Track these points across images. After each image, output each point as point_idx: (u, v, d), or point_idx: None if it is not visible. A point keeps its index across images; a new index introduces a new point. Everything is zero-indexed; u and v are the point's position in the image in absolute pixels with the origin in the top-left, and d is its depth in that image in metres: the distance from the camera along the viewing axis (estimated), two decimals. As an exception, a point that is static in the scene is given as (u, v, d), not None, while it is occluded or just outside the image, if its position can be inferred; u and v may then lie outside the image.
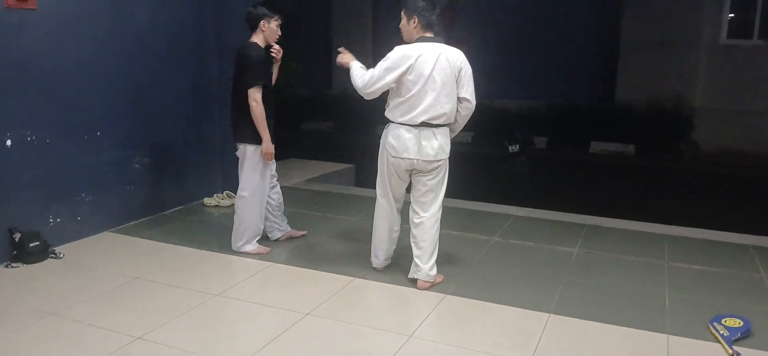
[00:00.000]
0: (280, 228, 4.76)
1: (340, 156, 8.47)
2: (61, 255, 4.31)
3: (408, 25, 3.78)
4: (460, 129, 3.95)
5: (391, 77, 3.68)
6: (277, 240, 4.75)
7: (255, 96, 4.18)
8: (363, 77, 3.79)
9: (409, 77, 3.64)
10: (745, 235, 5.16)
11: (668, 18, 10.91)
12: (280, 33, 4.39)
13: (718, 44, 11.04)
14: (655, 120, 10.81)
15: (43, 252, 4.23)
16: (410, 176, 3.88)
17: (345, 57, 3.98)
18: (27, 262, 4.13)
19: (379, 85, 3.73)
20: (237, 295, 3.77)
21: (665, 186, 8.63)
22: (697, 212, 6.34)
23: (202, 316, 3.47)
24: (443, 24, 3.90)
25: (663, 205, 7.02)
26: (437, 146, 3.74)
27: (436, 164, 3.78)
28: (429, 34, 3.75)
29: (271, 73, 4.49)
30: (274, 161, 4.51)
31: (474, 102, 3.80)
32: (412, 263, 3.93)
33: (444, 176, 3.88)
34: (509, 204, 6.03)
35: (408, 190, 3.99)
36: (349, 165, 8.03)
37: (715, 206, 7.06)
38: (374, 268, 4.16)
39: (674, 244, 4.90)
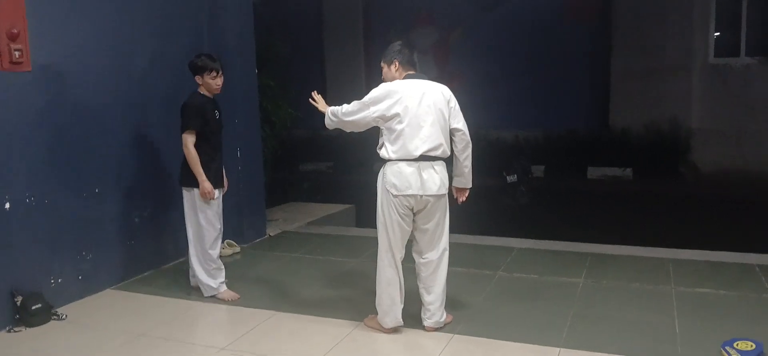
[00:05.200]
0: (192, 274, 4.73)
1: (340, 196, 8.46)
2: (64, 316, 4.26)
3: (390, 71, 3.81)
4: (469, 167, 3.81)
5: (375, 109, 3.64)
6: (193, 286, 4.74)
7: (186, 140, 4.33)
8: (342, 107, 3.79)
9: (397, 111, 3.59)
10: (749, 254, 5.15)
11: (657, 41, 11.06)
12: (219, 83, 4.46)
13: (707, 64, 11.16)
14: (651, 144, 10.87)
15: (46, 314, 4.17)
16: (413, 216, 3.72)
17: (320, 104, 4.02)
18: (30, 325, 4.07)
19: (361, 115, 3.69)
20: (244, 348, 3.72)
21: (665, 209, 8.61)
22: (699, 234, 6.32)
23: (209, 371, 3.43)
24: (437, 59, 3.92)
25: (664, 228, 7.01)
26: (439, 180, 3.64)
27: (439, 199, 3.66)
28: (411, 72, 3.78)
29: (217, 118, 4.52)
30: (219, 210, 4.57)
31: (467, 131, 3.76)
32: (423, 308, 3.84)
33: (445, 211, 3.77)
34: (510, 236, 6.01)
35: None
36: (349, 206, 8.01)
37: (717, 227, 7.04)
38: (392, 329, 3.83)
39: (679, 268, 4.89)
